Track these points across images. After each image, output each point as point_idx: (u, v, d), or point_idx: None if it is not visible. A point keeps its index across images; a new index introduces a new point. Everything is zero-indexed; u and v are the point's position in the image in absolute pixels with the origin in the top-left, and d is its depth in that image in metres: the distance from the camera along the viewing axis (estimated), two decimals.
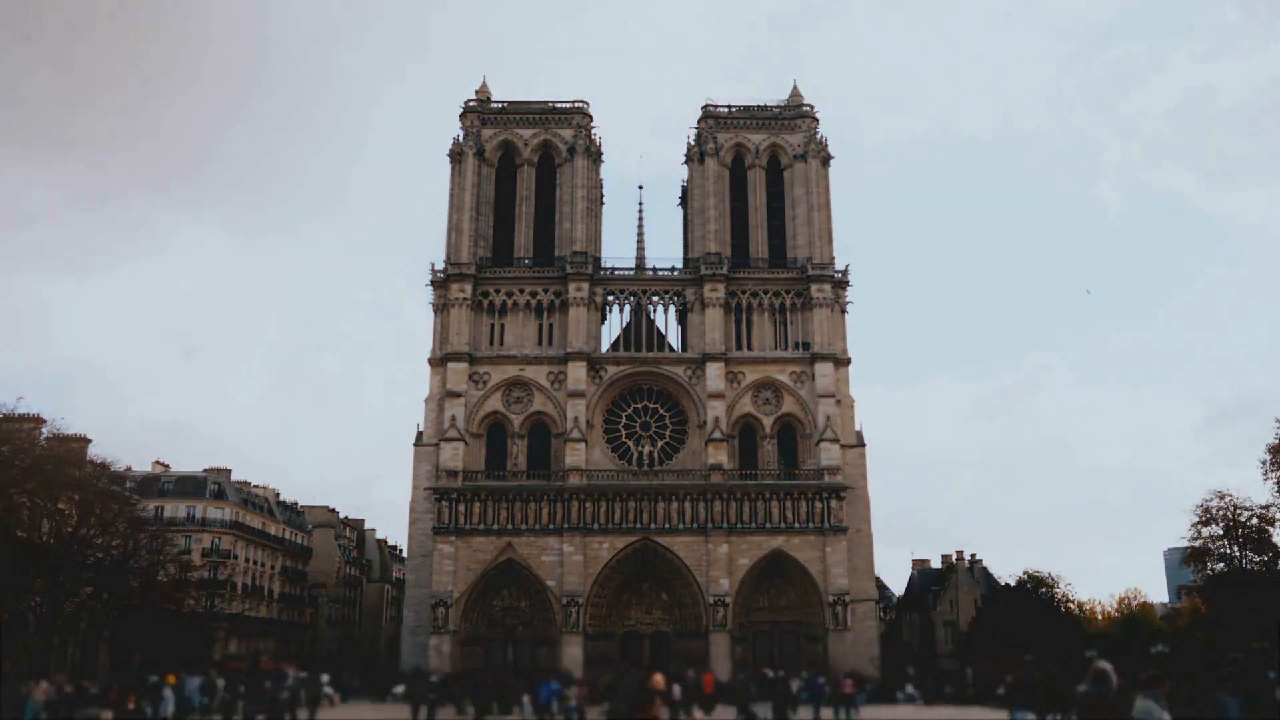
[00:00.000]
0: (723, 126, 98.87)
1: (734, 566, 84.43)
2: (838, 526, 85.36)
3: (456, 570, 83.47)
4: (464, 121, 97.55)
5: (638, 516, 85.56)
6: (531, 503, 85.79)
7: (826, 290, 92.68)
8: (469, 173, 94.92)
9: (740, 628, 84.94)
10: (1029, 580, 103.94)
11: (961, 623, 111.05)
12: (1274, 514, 65.00)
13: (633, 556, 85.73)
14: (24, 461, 56.70)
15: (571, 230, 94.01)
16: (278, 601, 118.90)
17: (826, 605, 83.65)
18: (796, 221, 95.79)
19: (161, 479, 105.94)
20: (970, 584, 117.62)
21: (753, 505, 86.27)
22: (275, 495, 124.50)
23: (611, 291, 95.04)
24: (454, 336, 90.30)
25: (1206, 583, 69.54)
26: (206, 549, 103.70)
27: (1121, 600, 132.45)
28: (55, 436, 63.51)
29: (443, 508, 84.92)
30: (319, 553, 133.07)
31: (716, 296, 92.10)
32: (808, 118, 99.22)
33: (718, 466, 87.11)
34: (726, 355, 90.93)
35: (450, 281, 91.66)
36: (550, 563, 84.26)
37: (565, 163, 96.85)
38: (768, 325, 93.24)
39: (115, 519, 64.97)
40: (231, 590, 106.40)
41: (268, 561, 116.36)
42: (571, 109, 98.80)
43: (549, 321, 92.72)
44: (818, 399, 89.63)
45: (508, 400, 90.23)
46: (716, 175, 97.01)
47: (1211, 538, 67.45)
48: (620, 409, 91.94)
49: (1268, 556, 65.92)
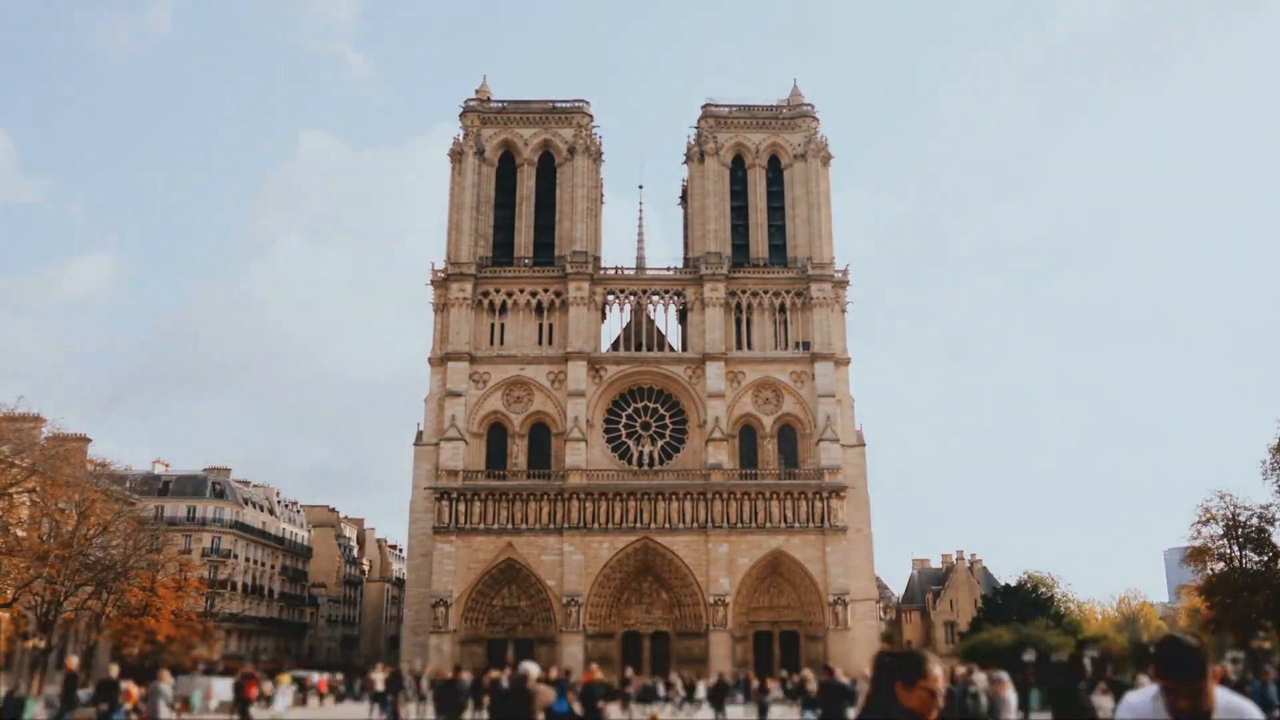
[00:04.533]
0: (723, 126, 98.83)
1: (734, 566, 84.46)
2: (838, 526, 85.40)
3: (456, 570, 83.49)
4: (464, 121, 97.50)
5: (638, 516, 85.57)
6: (531, 502, 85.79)
7: (826, 290, 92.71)
8: (469, 172, 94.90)
9: (740, 627, 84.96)
10: (1029, 580, 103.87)
11: (961, 623, 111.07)
12: (1274, 514, 64.93)
13: (633, 556, 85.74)
14: (24, 461, 56.58)
15: (571, 230, 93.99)
16: (278, 601, 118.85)
17: (826, 605, 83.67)
18: (796, 221, 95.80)
19: (161, 479, 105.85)
20: (970, 584, 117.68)
21: (753, 505, 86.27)
22: (275, 495, 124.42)
23: (611, 291, 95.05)
24: (454, 336, 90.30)
25: (1206, 583, 69.42)
26: (206, 549, 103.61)
27: (1121, 600, 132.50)
28: (55, 436, 63.32)
29: (443, 507, 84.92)
30: (319, 553, 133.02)
31: (716, 296, 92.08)
32: (808, 117, 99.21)
33: (718, 466, 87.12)
34: (727, 355, 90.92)
35: (450, 281, 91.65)
36: (550, 562, 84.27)
37: (565, 162, 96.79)
38: (768, 325, 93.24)
39: (115, 519, 64.78)
40: (231, 590, 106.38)
41: (268, 561, 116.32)
42: (571, 109, 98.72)
43: (549, 321, 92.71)
44: (818, 399, 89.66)
45: (508, 400, 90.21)
46: (716, 175, 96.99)
47: (1211, 537, 67.37)
48: (620, 409, 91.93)
49: (1268, 556, 65.85)
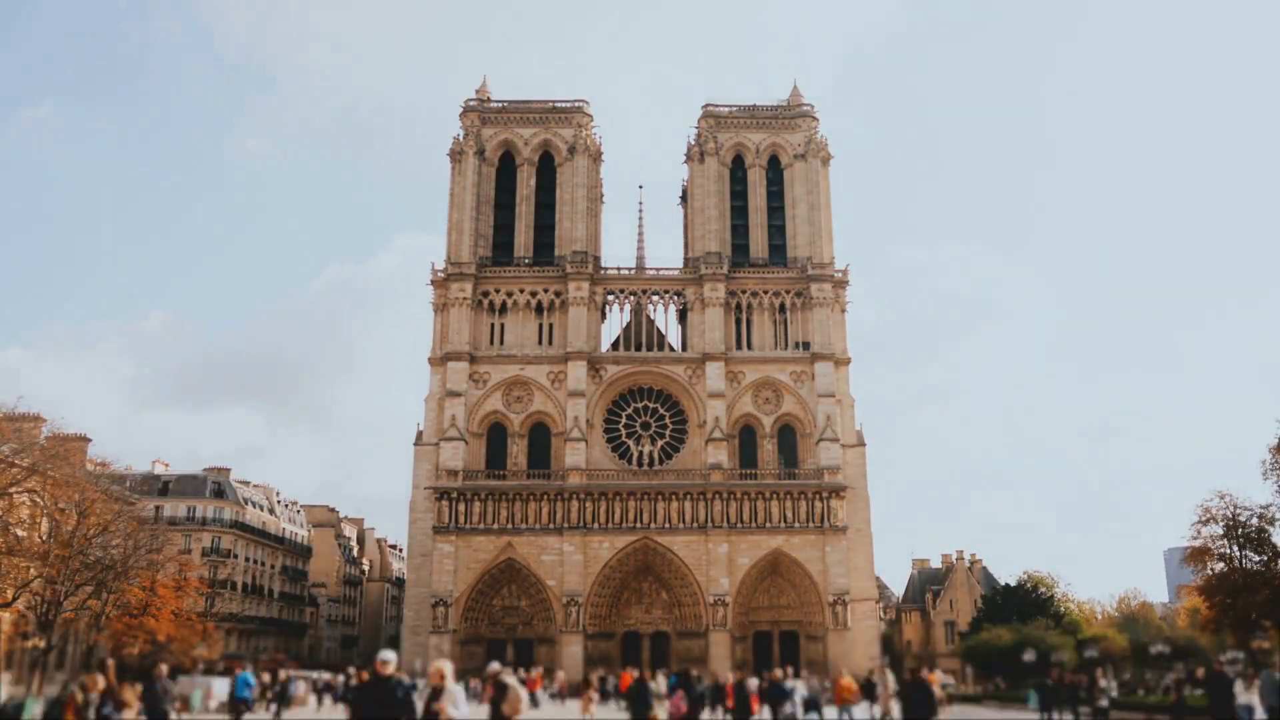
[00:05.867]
0: (723, 126, 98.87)
1: (734, 566, 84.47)
2: (837, 526, 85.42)
3: (456, 570, 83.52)
4: (464, 121, 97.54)
5: (638, 516, 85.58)
6: (531, 502, 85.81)
7: (826, 290, 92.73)
8: (469, 172, 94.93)
9: (740, 627, 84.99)
10: (1029, 580, 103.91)
11: (961, 623, 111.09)
12: (1274, 514, 64.82)
13: (633, 556, 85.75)
14: (24, 461, 56.51)
15: (571, 230, 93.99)
16: (278, 601, 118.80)
17: (826, 605, 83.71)
18: (796, 221, 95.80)
19: (161, 479, 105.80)
20: (970, 584, 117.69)
21: (752, 505, 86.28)
22: (275, 495, 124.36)
23: (611, 291, 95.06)
24: (454, 336, 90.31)
25: (1206, 583, 69.37)
26: (206, 549, 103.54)
27: (1121, 600, 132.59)
28: (55, 436, 63.25)
29: (443, 507, 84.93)
30: (319, 552, 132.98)
31: (716, 296, 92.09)
32: (808, 118, 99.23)
33: (718, 466, 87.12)
34: (726, 355, 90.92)
35: (450, 281, 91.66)
36: (550, 562, 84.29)
37: (565, 162, 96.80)
38: (768, 325, 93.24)
39: (115, 519, 64.69)
40: (231, 590, 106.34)
41: (268, 561, 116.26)
42: (571, 109, 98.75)
43: (549, 321, 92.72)
44: (818, 398, 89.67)
45: (508, 400, 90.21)
46: (717, 175, 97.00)
47: (1211, 538, 67.27)
48: (620, 409, 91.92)
49: (1268, 556, 65.77)
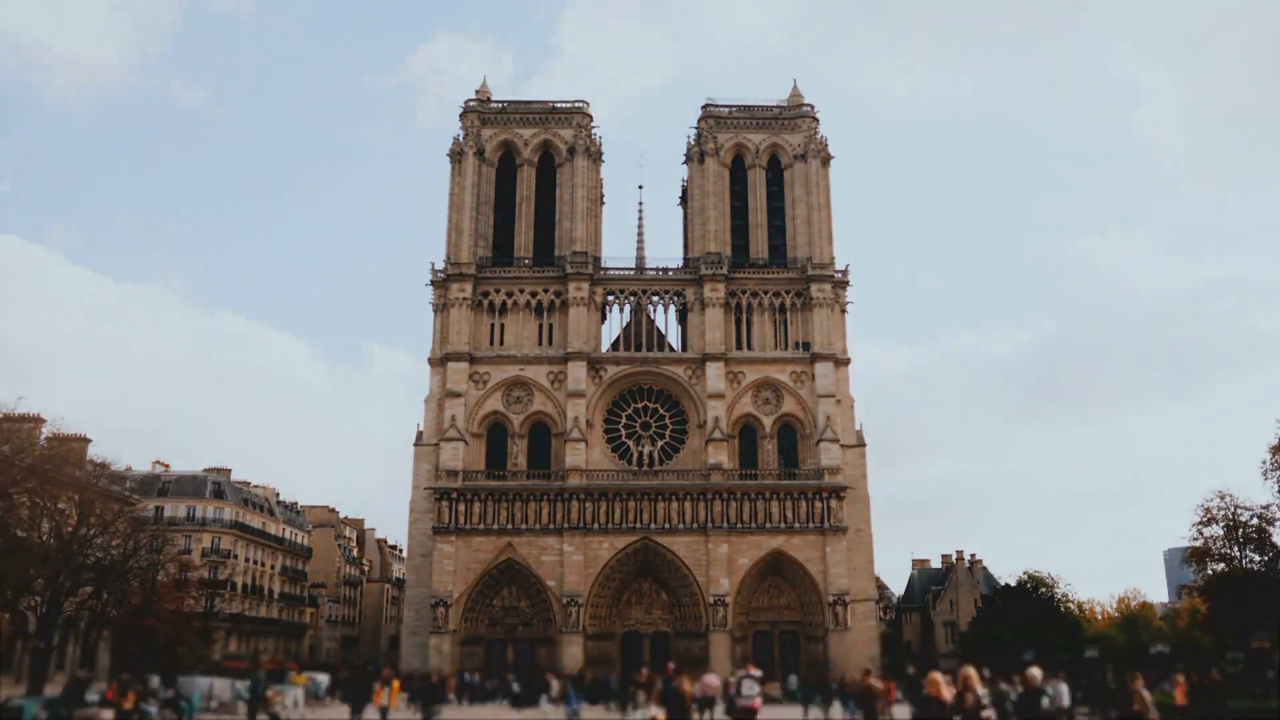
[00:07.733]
0: (723, 126, 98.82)
1: (734, 566, 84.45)
2: (838, 526, 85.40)
3: (456, 570, 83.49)
4: (464, 121, 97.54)
5: (638, 516, 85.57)
6: (531, 503, 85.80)
7: (826, 290, 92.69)
8: (469, 172, 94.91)
9: (740, 628, 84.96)
10: (1029, 580, 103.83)
11: (961, 623, 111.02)
12: (1274, 514, 64.93)
13: (633, 556, 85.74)
14: (24, 461, 56.49)
15: (571, 230, 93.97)
16: (278, 601, 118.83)
17: (826, 605, 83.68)
18: (796, 221, 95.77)
19: (161, 479, 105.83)
20: (970, 584, 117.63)
21: (753, 505, 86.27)
22: (275, 495, 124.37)
23: (611, 291, 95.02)
24: (454, 336, 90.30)
25: (1206, 583, 69.45)
26: (206, 549, 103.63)
27: (1121, 600, 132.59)
28: (55, 436, 63.25)
29: (443, 508, 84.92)
30: (319, 553, 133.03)
31: (716, 296, 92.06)
32: (808, 118, 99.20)
33: (718, 466, 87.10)
34: (726, 355, 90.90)
35: (450, 281, 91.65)
36: (550, 563, 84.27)
37: (565, 163, 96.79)
38: (768, 325, 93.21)
39: (115, 519, 64.69)
40: (231, 590, 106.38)
41: (268, 561, 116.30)
42: (571, 109, 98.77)
43: (549, 321, 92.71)
44: (818, 399, 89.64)
45: (508, 400, 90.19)
46: (716, 175, 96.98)
47: (1212, 538, 67.34)
48: (620, 409, 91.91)
49: (1268, 556, 65.83)
